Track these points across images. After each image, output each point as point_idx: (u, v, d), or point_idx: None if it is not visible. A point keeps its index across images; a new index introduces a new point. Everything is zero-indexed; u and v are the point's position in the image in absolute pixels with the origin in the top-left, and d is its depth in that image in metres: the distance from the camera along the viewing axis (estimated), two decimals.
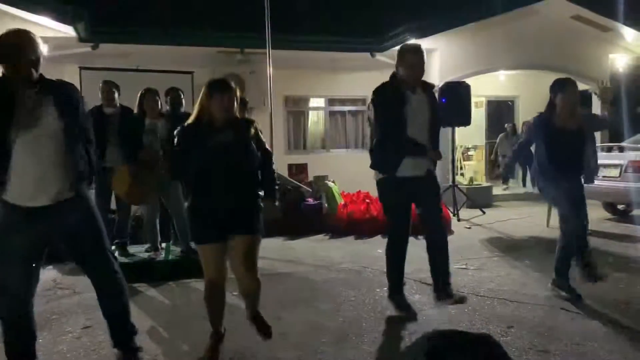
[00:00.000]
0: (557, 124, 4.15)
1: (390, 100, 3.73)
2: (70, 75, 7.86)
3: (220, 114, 3.03)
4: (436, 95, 4.09)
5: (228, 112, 3.04)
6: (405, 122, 3.68)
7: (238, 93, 3.14)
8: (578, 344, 3.36)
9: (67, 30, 8.04)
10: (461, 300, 3.91)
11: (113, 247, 5.53)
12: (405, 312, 3.87)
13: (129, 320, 3.04)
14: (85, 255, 2.88)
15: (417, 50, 3.79)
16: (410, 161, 3.72)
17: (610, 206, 8.58)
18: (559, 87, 4.21)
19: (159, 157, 5.09)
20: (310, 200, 7.94)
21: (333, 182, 8.44)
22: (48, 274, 5.27)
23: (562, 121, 4.14)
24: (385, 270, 4.54)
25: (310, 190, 8.20)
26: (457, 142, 10.07)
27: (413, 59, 3.73)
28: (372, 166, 3.90)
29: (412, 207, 3.92)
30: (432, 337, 1.21)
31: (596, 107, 11.69)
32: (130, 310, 3.08)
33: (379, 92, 3.81)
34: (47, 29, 8.08)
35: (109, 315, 2.99)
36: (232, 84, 3.10)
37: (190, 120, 3.10)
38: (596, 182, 7.98)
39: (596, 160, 4.40)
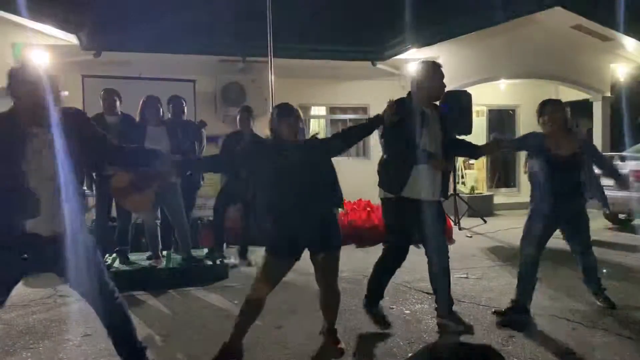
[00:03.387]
0: (550, 147, 3.95)
1: (408, 117, 3.66)
2: (72, 83, 7.91)
3: (288, 136, 3.18)
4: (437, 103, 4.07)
5: (295, 134, 3.20)
6: (420, 139, 3.65)
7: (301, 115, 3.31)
8: (579, 354, 3.34)
9: (69, 38, 8.08)
10: (468, 328, 3.75)
11: (114, 255, 5.55)
12: (382, 326, 3.81)
13: (134, 338, 2.96)
14: (84, 290, 2.82)
15: (439, 66, 3.80)
16: (418, 183, 3.63)
17: (611, 215, 8.57)
18: (540, 108, 4.07)
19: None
20: None
21: None
22: (49, 282, 5.26)
23: (554, 145, 3.95)
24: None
25: None
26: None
27: (437, 75, 3.74)
28: (380, 184, 3.84)
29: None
30: (433, 348, 1.21)
31: (597, 116, 11.73)
32: (135, 329, 3.00)
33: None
34: (50, 37, 8.13)
35: (113, 337, 2.93)
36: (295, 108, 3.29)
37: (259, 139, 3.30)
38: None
39: (598, 184, 4.21)
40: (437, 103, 4.01)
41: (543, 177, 3.96)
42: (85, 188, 7.09)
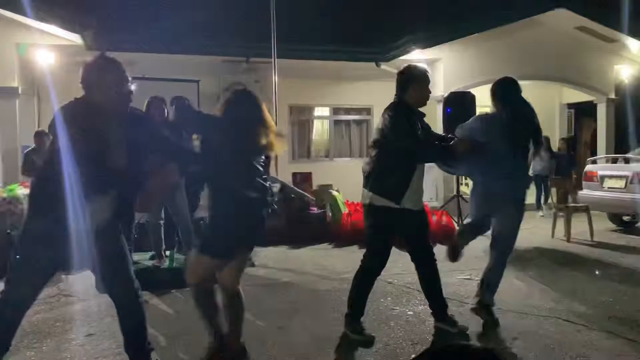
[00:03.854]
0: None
1: (412, 119, 3.62)
2: (76, 83, 7.92)
3: None
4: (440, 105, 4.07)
5: None
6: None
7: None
8: (583, 356, 3.33)
9: (74, 39, 8.10)
10: (463, 330, 3.77)
11: None
12: (363, 339, 3.63)
13: (145, 338, 2.97)
14: (108, 280, 2.87)
15: (427, 72, 3.79)
16: (411, 194, 3.59)
17: (615, 217, 8.55)
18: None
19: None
20: (314, 209, 7.94)
21: (337, 191, 8.44)
22: (52, 281, 5.26)
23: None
24: (390, 280, 4.52)
25: (314, 198, 8.20)
26: None
27: (427, 81, 3.71)
28: (377, 191, 3.63)
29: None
30: (436, 349, 1.21)
31: (602, 118, 11.69)
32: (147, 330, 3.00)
33: (399, 107, 3.63)
34: (55, 37, 8.16)
35: (126, 333, 2.94)
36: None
37: None
38: (602, 193, 8.06)
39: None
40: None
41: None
42: None
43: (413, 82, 3.65)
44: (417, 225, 3.74)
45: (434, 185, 10.28)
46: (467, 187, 11.03)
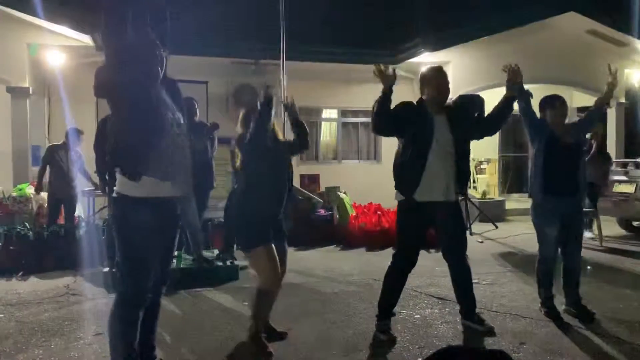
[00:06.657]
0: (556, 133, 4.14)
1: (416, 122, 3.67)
2: (86, 84, 7.98)
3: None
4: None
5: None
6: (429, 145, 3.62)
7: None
8: None
9: (84, 39, 8.16)
10: (490, 331, 3.76)
11: None
12: (387, 338, 3.66)
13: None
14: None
15: (441, 70, 3.87)
16: (430, 185, 3.59)
17: (625, 222, 8.48)
18: (547, 103, 4.36)
19: None
20: (322, 211, 7.94)
21: (345, 193, 8.44)
22: (61, 280, 5.31)
23: (558, 134, 4.15)
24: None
25: (322, 200, 8.20)
26: (471, 155, 10.00)
27: (439, 80, 3.80)
28: (395, 187, 3.76)
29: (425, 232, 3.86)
30: (443, 353, 1.21)
31: (611, 122, 11.62)
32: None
33: (409, 107, 3.74)
34: (66, 38, 8.22)
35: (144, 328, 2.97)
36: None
37: None
38: (611, 198, 7.99)
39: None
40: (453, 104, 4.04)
41: (547, 162, 4.09)
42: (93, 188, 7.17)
43: (422, 83, 3.87)
44: (445, 217, 3.69)
45: None
46: (475, 191, 11.00)
